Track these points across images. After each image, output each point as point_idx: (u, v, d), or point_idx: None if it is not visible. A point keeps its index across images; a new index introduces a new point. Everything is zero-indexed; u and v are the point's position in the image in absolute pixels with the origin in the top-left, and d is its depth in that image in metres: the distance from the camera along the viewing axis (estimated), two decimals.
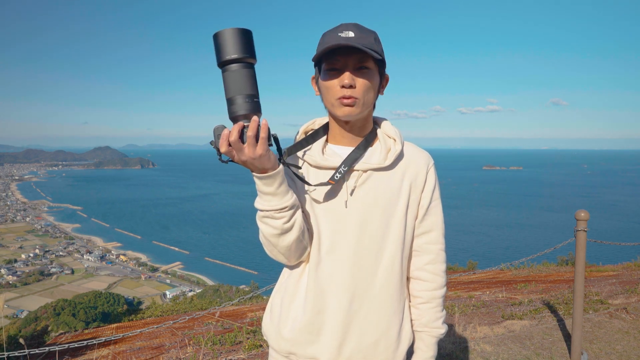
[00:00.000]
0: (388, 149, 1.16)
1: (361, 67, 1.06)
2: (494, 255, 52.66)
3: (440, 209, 1.23)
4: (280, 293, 1.23)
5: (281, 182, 1.01)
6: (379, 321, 1.15)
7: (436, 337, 1.22)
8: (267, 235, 1.07)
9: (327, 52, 1.04)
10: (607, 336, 3.76)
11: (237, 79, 0.95)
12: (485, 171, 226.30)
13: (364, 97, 1.07)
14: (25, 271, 60.12)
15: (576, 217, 3.15)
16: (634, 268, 7.79)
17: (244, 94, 0.95)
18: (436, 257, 1.23)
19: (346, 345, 1.14)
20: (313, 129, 1.24)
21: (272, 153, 0.97)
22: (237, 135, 0.92)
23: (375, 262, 1.13)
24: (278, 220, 1.03)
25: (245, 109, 0.95)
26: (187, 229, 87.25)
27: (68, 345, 3.35)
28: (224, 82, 0.96)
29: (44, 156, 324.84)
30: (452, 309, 4.80)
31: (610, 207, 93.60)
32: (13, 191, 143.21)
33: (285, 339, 1.16)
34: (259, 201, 1.03)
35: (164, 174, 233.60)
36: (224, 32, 0.94)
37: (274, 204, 1.02)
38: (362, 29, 1.06)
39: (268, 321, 1.24)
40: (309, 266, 1.16)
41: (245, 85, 0.95)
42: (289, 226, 1.05)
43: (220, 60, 0.95)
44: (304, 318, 1.14)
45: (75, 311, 27.26)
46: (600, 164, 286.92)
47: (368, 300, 1.14)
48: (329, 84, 1.08)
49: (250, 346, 3.74)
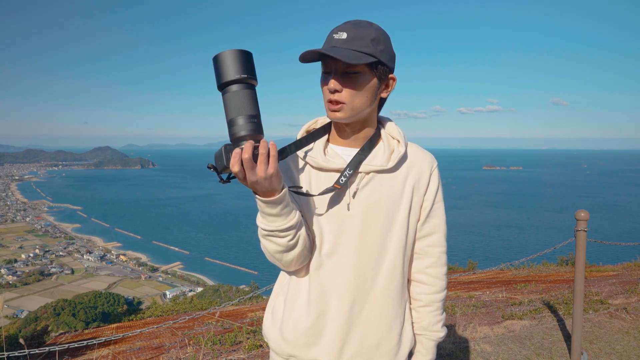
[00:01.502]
0: (391, 151, 1.14)
1: (349, 72, 1.03)
2: (494, 255, 52.66)
3: (442, 211, 1.22)
4: (282, 295, 1.22)
5: (286, 204, 0.99)
6: (380, 324, 1.14)
7: (435, 341, 1.22)
8: (271, 251, 1.06)
9: (322, 55, 1.02)
10: (607, 336, 3.76)
11: (238, 99, 0.93)
12: (485, 171, 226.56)
13: (351, 102, 1.04)
14: (25, 271, 60.11)
15: (576, 217, 3.15)
16: (634, 268, 7.78)
17: (245, 114, 0.93)
18: (437, 260, 1.22)
19: (347, 348, 1.13)
20: (315, 128, 1.22)
21: (280, 172, 0.96)
22: (251, 152, 0.89)
23: (377, 264, 1.12)
24: (282, 239, 1.02)
25: (247, 129, 0.93)
26: (187, 229, 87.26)
27: (68, 345, 3.35)
28: (225, 104, 0.94)
29: (44, 156, 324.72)
30: (453, 309, 4.80)
31: (610, 207, 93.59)
32: (13, 191, 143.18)
33: (286, 341, 1.16)
34: (262, 221, 1.02)
35: (164, 174, 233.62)
36: (224, 54, 0.92)
37: (279, 224, 1.00)
38: (360, 28, 1.02)
39: (270, 323, 1.23)
40: (310, 269, 1.14)
41: (247, 105, 0.93)
42: (293, 244, 1.04)
43: (221, 82, 0.93)
44: (306, 320, 1.13)
45: (75, 311, 27.26)
46: (600, 164, 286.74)
47: (369, 302, 1.13)
48: (322, 86, 1.07)
49: (250, 346, 3.74)
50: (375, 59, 1.02)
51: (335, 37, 1.03)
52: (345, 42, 1.01)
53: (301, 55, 1.01)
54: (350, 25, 1.03)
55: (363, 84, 1.04)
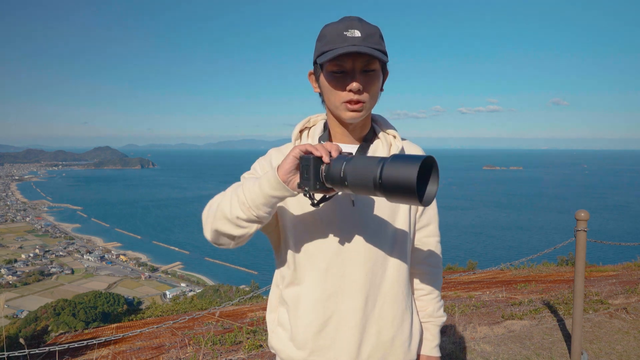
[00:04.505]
0: (389, 146, 1.16)
1: (368, 70, 1.04)
2: (494, 255, 52.63)
3: (435, 202, 1.23)
4: (284, 306, 1.20)
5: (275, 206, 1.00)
6: (393, 318, 1.14)
7: (440, 326, 1.29)
8: (223, 212, 0.99)
9: (342, 54, 1.00)
10: (607, 336, 3.76)
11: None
12: (485, 171, 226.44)
13: (370, 101, 1.07)
14: (25, 271, 60.07)
15: (576, 217, 3.15)
16: (634, 268, 7.78)
17: None
18: (435, 249, 1.28)
19: (365, 344, 1.12)
20: (308, 127, 1.22)
21: None
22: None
23: (384, 258, 1.12)
24: (242, 223, 0.99)
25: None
26: (187, 229, 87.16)
27: (68, 345, 3.35)
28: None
29: (44, 156, 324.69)
30: (452, 309, 4.80)
31: (611, 207, 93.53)
32: (13, 191, 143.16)
33: (302, 349, 1.14)
34: (251, 195, 0.96)
35: (164, 174, 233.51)
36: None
37: (259, 212, 0.97)
38: (367, 26, 1.03)
39: (280, 336, 1.19)
40: (316, 271, 1.12)
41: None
42: (241, 232, 1.01)
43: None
44: (319, 323, 1.12)
45: (75, 311, 27.25)
46: (600, 164, 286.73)
47: (381, 298, 1.13)
48: (335, 86, 1.05)
49: (250, 346, 3.74)
50: (387, 58, 1.06)
51: (349, 35, 1.01)
52: (363, 40, 1.00)
53: (334, 55, 0.99)
54: (356, 22, 1.03)
55: (378, 81, 1.08)
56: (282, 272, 1.22)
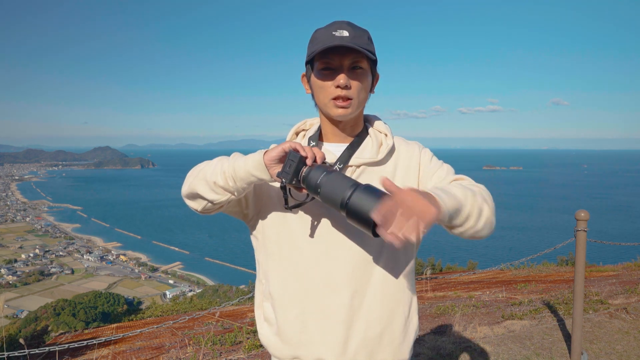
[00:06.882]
0: (379, 144, 1.17)
1: (355, 67, 1.06)
2: (494, 255, 52.59)
3: (446, 166, 1.16)
4: (268, 301, 1.19)
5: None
6: (382, 314, 1.12)
7: (451, 195, 0.97)
8: (205, 175, 1.06)
9: (321, 51, 1.04)
10: (607, 336, 3.76)
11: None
12: (485, 171, 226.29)
13: (358, 97, 1.08)
14: (25, 271, 60.06)
15: (576, 217, 3.15)
16: (634, 268, 7.78)
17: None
18: (456, 178, 1.11)
19: (351, 340, 1.11)
20: (304, 129, 1.25)
21: None
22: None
23: (375, 255, 1.11)
24: (217, 189, 1.04)
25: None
26: (187, 229, 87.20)
27: (68, 345, 3.35)
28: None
29: (44, 156, 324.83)
30: (453, 309, 4.80)
31: (611, 207, 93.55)
32: (13, 191, 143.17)
33: (287, 344, 1.14)
34: (234, 167, 1.02)
35: (164, 174, 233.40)
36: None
37: (235, 183, 1.02)
38: (356, 27, 1.06)
39: (266, 331, 1.20)
40: (300, 264, 1.12)
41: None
42: (212, 197, 1.06)
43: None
44: (303, 318, 1.12)
45: (75, 311, 27.28)
46: (600, 164, 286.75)
47: (370, 293, 1.12)
48: (323, 83, 1.07)
49: (250, 346, 3.74)
50: (375, 57, 1.09)
51: (337, 34, 1.04)
52: (352, 39, 1.04)
53: (319, 48, 1.03)
54: (345, 24, 1.07)
55: (366, 79, 1.09)
56: (264, 267, 1.21)
